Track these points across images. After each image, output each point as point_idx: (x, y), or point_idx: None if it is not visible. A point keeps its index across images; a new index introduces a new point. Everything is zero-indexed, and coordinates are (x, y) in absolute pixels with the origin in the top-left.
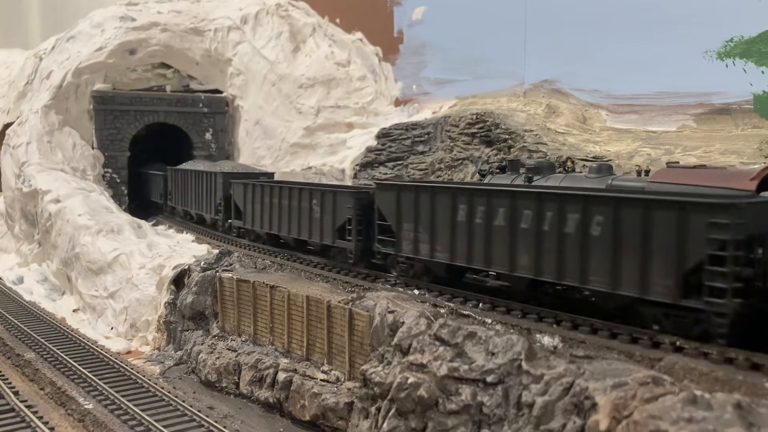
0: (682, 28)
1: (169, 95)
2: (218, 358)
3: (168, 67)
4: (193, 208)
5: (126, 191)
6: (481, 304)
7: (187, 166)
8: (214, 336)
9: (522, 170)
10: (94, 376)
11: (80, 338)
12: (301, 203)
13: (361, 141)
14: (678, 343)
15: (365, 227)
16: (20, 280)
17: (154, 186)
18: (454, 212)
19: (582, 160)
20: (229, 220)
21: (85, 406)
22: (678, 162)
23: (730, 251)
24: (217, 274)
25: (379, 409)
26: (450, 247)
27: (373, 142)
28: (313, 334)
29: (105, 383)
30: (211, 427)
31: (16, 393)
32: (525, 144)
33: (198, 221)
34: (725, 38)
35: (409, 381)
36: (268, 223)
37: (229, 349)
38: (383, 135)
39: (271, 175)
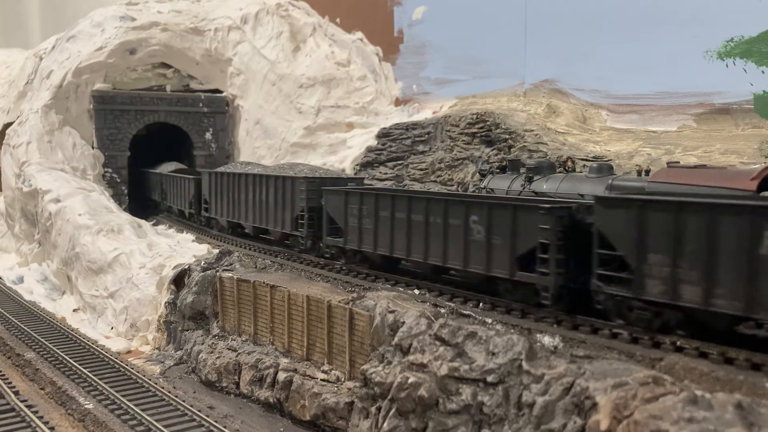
0: (682, 28)
1: (170, 95)
2: (218, 357)
3: (168, 66)
4: (249, 220)
5: (126, 191)
6: (481, 304)
7: (235, 168)
8: (215, 336)
9: (522, 170)
10: (94, 375)
11: (80, 338)
12: (448, 220)
13: (361, 141)
14: (678, 343)
15: (565, 257)
16: (20, 280)
17: (175, 191)
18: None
19: (582, 159)
20: (307, 239)
21: (86, 406)
22: (678, 162)
23: None
24: (218, 273)
25: (379, 409)
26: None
27: (373, 142)
28: (313, 333)
29: (105, 383)
30: (212, 427)
31: (16, 393)
32: (525, 144)
33: (254, 236)
34: (725, 38)
35: (410, 381)
36: (387, 243)
37: (229, 349)
38: (383, 135)
39: (361, 180)
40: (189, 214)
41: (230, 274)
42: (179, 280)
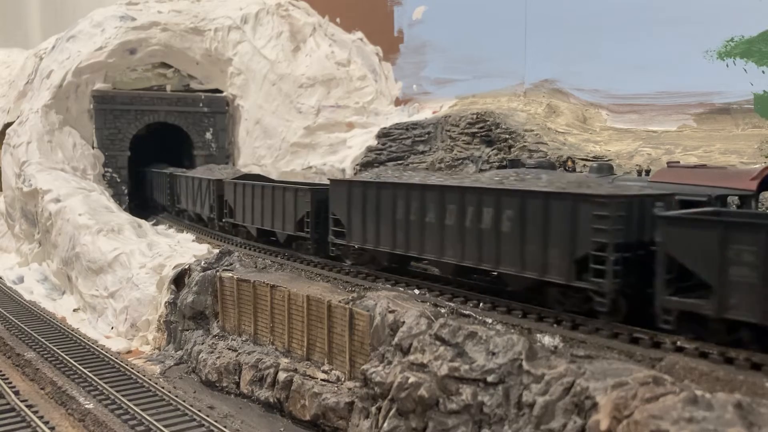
0: (682, 28)
1: (170, 95)
2: (219, 357)
3: (168, 66)
4: (447, 254)
5: (126, 191)
6: (481, 304)
7: (389, 176)
8: (215, 336)
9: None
10: (94, 375)
11: (80, 338)
12: None
13: (361, 140)
14: (678, 342)
15: None
16: (20, 280)
17: (258, 206)
18: None
19: (582, 159)
20: (616, 295)
21: (86, 406)
22: (678, 162)
23: None
24: (218, 273)
25: (379, 409)
26: None
27: (373, 142)
28: (313, 333)
29: (105, 383)
30: (212, 427)
31: (16, 392)
32: (525, 144)
33: (451, 280)
34: (725, 38)
35: (410, 381)
36: None
37: (229, 349)
38: (383, 134)
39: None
40: (288, 238)
41: (230, 274)
42: (179, 279)
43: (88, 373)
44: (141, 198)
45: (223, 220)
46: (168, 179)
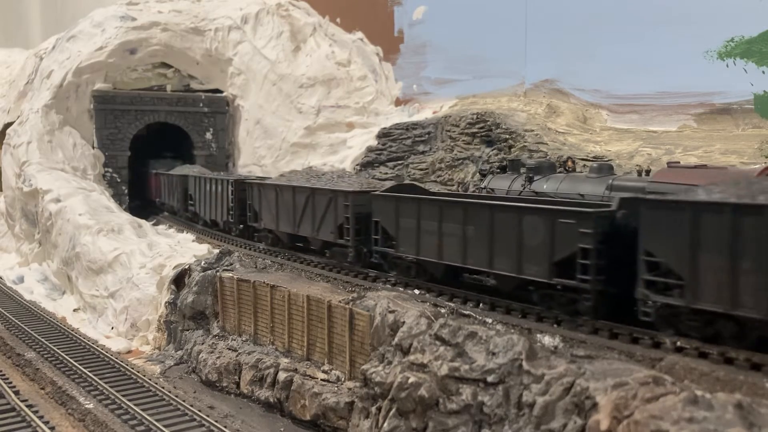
0: (682, 28)
1: (170, 95)
2: (219, 357)
3: (168, 66)
4: None
5: (126, 191)
6: (481, 304)
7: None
8: (215, 336)
9: (522, 170)
10: (94, 375)
11: (81, 338)
12: None
13: (361, 141)
14: (679, 343)
15: None
16: (21, 280)
17: (455, 231)
18: None
19: (582, 159)
20: None
21: (86, 406)
22: (679, 162)
23: None
24: (218, 273)
25: (379, 409)
26: None
27: (373, 142)
28: (313, 333)
29: (105, 383)
30: (212, 427)
31: (16, 392)
32: (525, 144)
33: None
34: (726, 38)
35: (410, 381)
36: None
37: (229, 349)
38: (384, 135)
39: None
40: (521, 283)
41: (230, 274)
42: (179, 280)
43: (88, 373)
44: (142, 199)
45: (374, 249)
46: (232, 187)
